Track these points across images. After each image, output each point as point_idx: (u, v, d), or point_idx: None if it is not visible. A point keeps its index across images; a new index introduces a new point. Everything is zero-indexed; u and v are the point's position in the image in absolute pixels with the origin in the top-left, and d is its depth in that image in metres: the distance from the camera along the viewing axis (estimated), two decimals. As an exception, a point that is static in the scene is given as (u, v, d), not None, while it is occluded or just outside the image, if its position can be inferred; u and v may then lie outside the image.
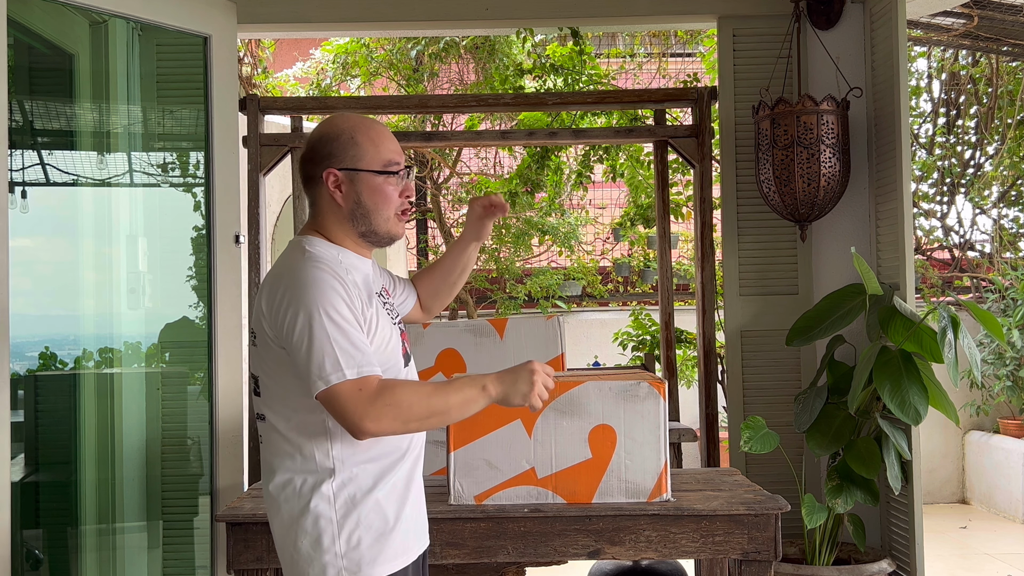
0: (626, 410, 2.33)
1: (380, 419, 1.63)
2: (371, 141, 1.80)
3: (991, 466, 6.11)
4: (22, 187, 3.18)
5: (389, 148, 1.81)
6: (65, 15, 3.31)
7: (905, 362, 3.24)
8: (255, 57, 6.28)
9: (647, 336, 5.08)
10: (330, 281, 1.68)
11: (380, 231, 1.82)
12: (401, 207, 1.83)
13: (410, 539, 1.80)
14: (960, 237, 7.02)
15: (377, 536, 1.73)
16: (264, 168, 3.70)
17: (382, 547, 1.73)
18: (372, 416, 1.63)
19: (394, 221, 1.82)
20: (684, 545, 2.31)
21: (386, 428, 1.65)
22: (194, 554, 3.44)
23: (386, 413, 1.63)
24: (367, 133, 1.81)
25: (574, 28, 4.25)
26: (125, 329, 3.47)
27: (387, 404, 1.64)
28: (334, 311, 1.66)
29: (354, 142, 1.80)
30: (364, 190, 1.79)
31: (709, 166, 3.72)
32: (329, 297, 1.67)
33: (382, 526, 1.74)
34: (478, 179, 6.74)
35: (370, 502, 1.73)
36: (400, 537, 1.77)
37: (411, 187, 1.84)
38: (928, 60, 7.05)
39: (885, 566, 3.38)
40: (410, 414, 1.66)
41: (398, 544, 1.76)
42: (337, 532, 1.71)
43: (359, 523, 1.72)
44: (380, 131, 1.83)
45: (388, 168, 1.80)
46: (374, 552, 1.73)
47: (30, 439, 3.24)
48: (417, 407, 1.66)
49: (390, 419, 1.64)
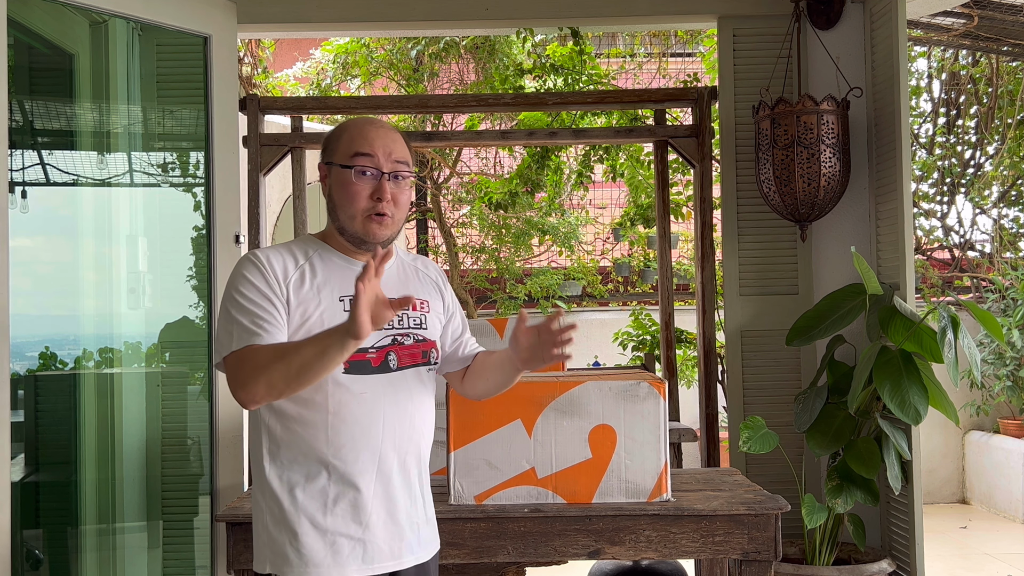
0: (626, 410, 2.33)
1: (247, 384, 1.67)
2: (351, 137, 1.79)
3: (991, 466, 6.11)
4: (22, 187, 3.18)
5: (364, 145, 1.77)
6: (65, 15, 3.31)
7: (905, 362, 3.24)
8: (255, 57, 6.28)
9: (647, 336, 5.08)
10: (247, 268, 1.76)
11: (348, 229, 1.79)
12: (372, 209, 1.76)
13: (340, 554, 1.75)
14: (960, 237, 7.02)
15: (291, 536, 1.74)
16: (264, 168, 3.70)
17: (296, 551, 1.74)
18: (240, 382, 1.68)
19: (361, 221, 1.77)
20: (684, 545, 2.31)
21: (258, 393, 1.67)
22: (194, 554, 3.44)
23: (251, 377, 1.67)
24: (351, 130, 1.80)
25: (574, 28, 4.25)
26: (125, 329, 3.47)
27: (252, 368, 1.67)
28: (238, 293, 1.74)
29: (338, 137, 1.82)
30: (335, 184, 1.81)
31: (709, 166, 3.72)
32: (238, 282, 1.75)
33: (296, 528, 1.74)
34: (478, 179, 6.74)
35: (286, 501, 1.76)
36: (318, 546, 1.74)
37: (385, 191, 1.76)
38: (928, 60, 7.05)
39: (885, 566, 3.38)
40: (273, 374, 1.65)
41: (315, 552, 1.74)
42: (268, 523, 1.77)
43: (280, 519, 1.75)
44: (364, 130, 1.79)
45: (352, 162, 1.76)
46: (286, 551, 1.74)
47: (30, 439, 3.24)
48: (276, 366, 1.65)
49: (256, 383, 1.66)
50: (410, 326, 1.86)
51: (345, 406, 1.76)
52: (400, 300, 1.58)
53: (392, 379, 1.80)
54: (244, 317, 1.72)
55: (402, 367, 1.82)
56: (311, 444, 1.75)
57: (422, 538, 1.87)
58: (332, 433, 1.75)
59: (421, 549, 1.86)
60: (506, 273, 6.88)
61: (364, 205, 1.77)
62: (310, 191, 4.01)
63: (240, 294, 1.74)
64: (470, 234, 7.25)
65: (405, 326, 1.85)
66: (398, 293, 1.80)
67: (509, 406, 2.33)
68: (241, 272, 1.77)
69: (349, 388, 1.76)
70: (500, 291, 7.02)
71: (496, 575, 2.63)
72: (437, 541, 1.94)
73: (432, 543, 1.91)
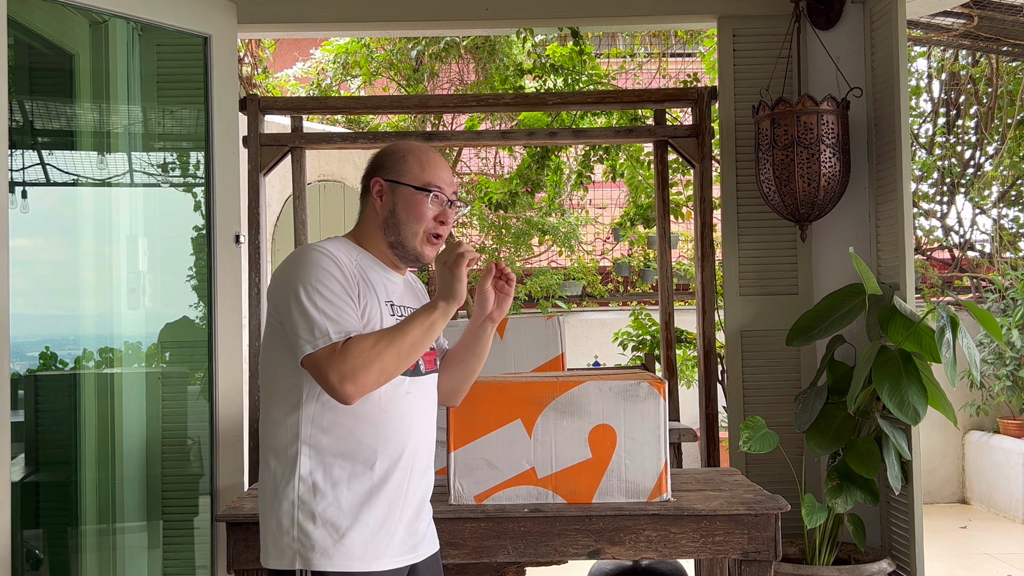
0: (626, 410, 2.33)
1: (357, 375, 1.71)
2: (420, 163, 1.92)
3: (991, 466, 6.11)
4: (22, 187, 3.18)
5: (435, 174, 1.91)
6: (65, 15, 3.31)
7: (904, 362, 3.24)
8: (255, 57, 6.28)
9: (647, 336, 5.08)
10: (323, 261, 1.79)
11: (407, 245, 1.92)
12: (433, 230, 1.91)
13: (379, 547, 1.81)
14: (960, 237, 7.02)
15: (332, 530, 1.77)
16: (264, 168, 3.70)
17: (336, 544, 1.77)
18: (348, 374, 1.70)
19: (422, 239, 1.91)
20: (684, 545, 2.32)
21: (369, 381, 1.72)
22: (194, 554, 3.44)
23: (362, 367, 1.71)
24: (419, 156, 1.94)
25: (574, 28, 4.26)
26: (125, 329, 3.47)
27: (360, 358, 1.71)
28: (321, 285, 1.76)
29: (404, 160, 1.93)
30: (400, 201, 1.91)
31: (709, 166, 3.73)
32: (318, 274, 1.77)
33: (339, 522, 1.78)
34: (478, 179, 6.74)
35: (330, 496, 1.78)
36: (359, 540, 1.78)
37: (448, 216, 1.92)
38: (928, 60, 7.05)
39: (885, 566, 3.38)
40: (385, 359, 1.73)
41: (356, 546, 1.78)
42: (298, 518, 1.78)
43: (318, 514, 1.77)
44: (432, 158, 1.94)
45: (427, 187, 1.89)
46: (326, 545, 1.76)
47: (30, 439, 3.24)
48: (388, 351, 1.73)
49: (368, 372, 1.71)
50: None
51: (394, 404, 1.85)
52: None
53: (423, 382, 1.94)
54: (332, 309, 1.75)
55: (428, 371, 1.96)
56: (361, 440, 1.81)
57: (431, 531, 1.99)
58: (383, 429, 1.83)
59: (432, 542, 1.98)
60: (506, 273, 6.87)
61: (429, 226, 1.91)
62: (310, 191, 4.02)
63: (323, 285, 1.76)
64: (470, 234, 7.25)
65: None
66: (412, 303, 1.96)
67: (509, 406, 2.33)
68: (317, 264, 1.79)
69: (397, 387, 1.86)
70: (500, 291, 7.00)
71: (496, 575, 2.63)
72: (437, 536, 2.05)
73: (436, 537, 2.03)
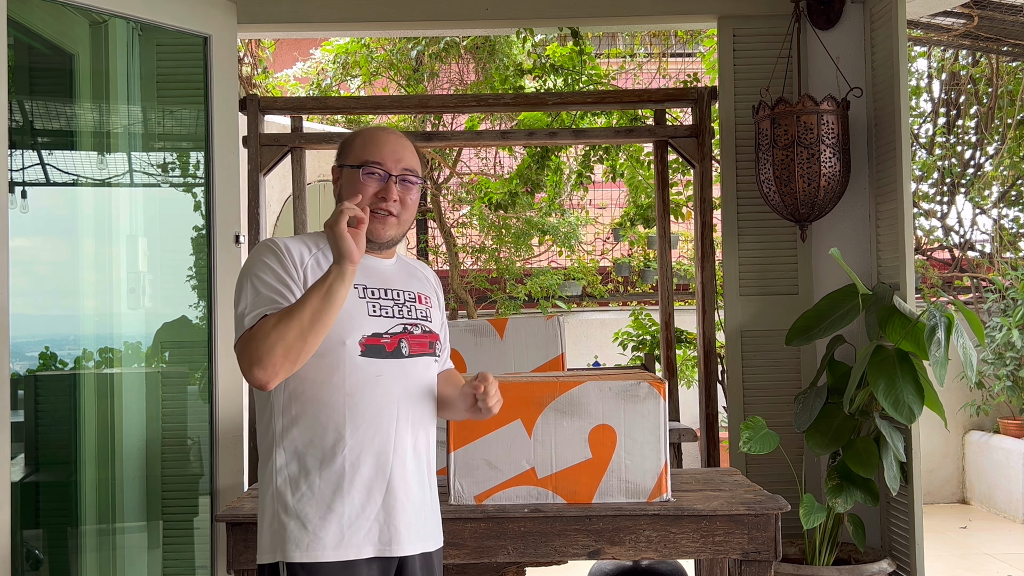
0: (626, 410, 2.33)
1: (262, 359, 1.69)
2: (363, 142, 1.91)
3: (991, 466, 6.11)
4: (22, 187, 3.18)
5: (375, 151, 1.88)
6: (65, 15, 3.31)
7: (900, 361, 3.23)
8: (255, 57, 6.28)
9: (647, 336, 5.08)
10: (264, 253, 1.81)
11: None
12: (374, 205, 1.86)
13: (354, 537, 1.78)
14: (960, 237, 7.02)
15: (305, 521, 1.76)
16: (264, 168, 3.70)
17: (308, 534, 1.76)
18: (255, 358, 1.69)
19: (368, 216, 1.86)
20: (684, 545, 2.31)
21: (275, 361, 1.69)
22: (194, 554, 3.44)
23: (266, 349, 1.68)
24: (364, 136, 1.93)
25: (574, 28, 4.25)
26: (125, 329, 3.47)
27: (264, 340, 1.69)
28: (255, 277, 1.79)
29: (351, 143, 1.93)
30: (345, 183, 1.91)
31: (709, 166, 3.73)
32: (256, 267, 1.80)
33: (311, 512, 1.77)
34: (478, 179, 6.74)
35: (303, 487, 1.78)
36: (333, 529, 1.77)
37: (391, 192, 1.87)
38: (928, 60, 7.04)
39: (885, 566, 3.38)
40: (287, 336, 1.68)
41: (329, 536, 1.76)
42: (277, 510, 1.79)
43: (291, 505, 1.77)
44: (376, 136, 1.92)
45: (362, 164, 1.87)
46: (299, 535, 1.76)
47: (30, 439, 3.24)
48: (289, 326, 1.69)
49: (272, 353, 1.68)
50: (418, 317, 1.93)
51: (361, 387, 1.80)
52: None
53: (405, 365, 1.87)
54: (259, 298, 1.76)
55: (413, 355, 1.89)
56: (327, 427, 1.79)
57: (428, 528, 1.91)
58: (349, 414, 1.79)
59: (428, 539, 1.91)
60: (506, 273, 6.88)
61: (370, 202, 1.85)
62: (310, 191, 4.02)
63: (257, 277, 1.79)
64: (470, 234, 7.25)
65: (414, 316, 1.92)
66: (401, 286, 1.92)
67: (509, 406, 2.32)
68: (259, 257, 1.82)
69: (365, 370, 1.81)
70: (500, 291, 7.01)
71: (496, 575, 2.63)
72: (441, 535, 1.97)
73: (437, 536, 1.95)
